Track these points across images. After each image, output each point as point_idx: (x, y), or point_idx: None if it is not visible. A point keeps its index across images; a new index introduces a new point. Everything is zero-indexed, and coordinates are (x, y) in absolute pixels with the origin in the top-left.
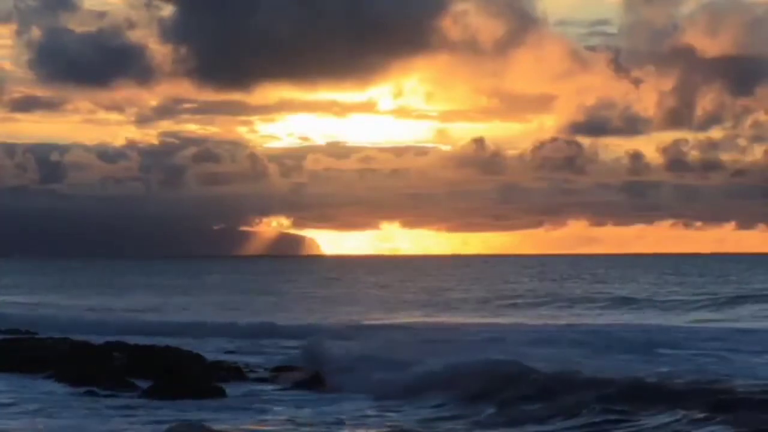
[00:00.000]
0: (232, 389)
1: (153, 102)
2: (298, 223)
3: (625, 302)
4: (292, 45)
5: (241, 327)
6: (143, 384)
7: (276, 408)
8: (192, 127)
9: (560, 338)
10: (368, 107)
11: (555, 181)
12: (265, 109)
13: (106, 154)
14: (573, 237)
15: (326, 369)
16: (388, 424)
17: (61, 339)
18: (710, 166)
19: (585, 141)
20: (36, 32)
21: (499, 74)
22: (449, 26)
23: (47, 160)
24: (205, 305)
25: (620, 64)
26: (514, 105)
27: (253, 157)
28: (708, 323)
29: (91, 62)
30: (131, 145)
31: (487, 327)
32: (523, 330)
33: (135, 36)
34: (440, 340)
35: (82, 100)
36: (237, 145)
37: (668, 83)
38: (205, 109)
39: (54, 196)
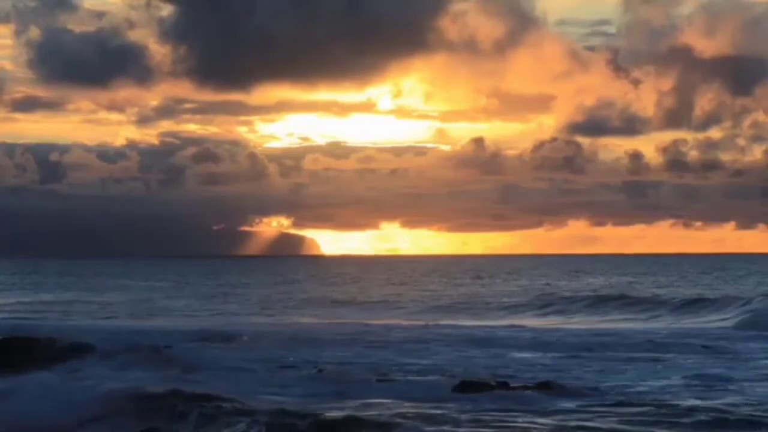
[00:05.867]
0: None
1: (153, 102)
2: (298, 223)
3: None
4: (291, 45)
5: None
6: None
7: None
8: (192, 127)
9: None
10: (368, 107)
11: (555, 181)
12: (265, 109)
13: (106, 154)
14: (573, 237)
15: None
16: None
17: (58, 339)
18: (710, 166)
19: (584, 141)
20: (35, 32)
21: (498, 74)
22: (448, 26)
23: (47, 160)
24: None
25: (619, 64)
26: (513, 105)
27: (253, 157)
28: None
29: (91, 62)
30: (131, 145)
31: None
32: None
33: (135, 36)
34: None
35: (82, 100)
36: (237, 145)
37: (667, 83)
38: (205, 109)
39: (54, 196)
